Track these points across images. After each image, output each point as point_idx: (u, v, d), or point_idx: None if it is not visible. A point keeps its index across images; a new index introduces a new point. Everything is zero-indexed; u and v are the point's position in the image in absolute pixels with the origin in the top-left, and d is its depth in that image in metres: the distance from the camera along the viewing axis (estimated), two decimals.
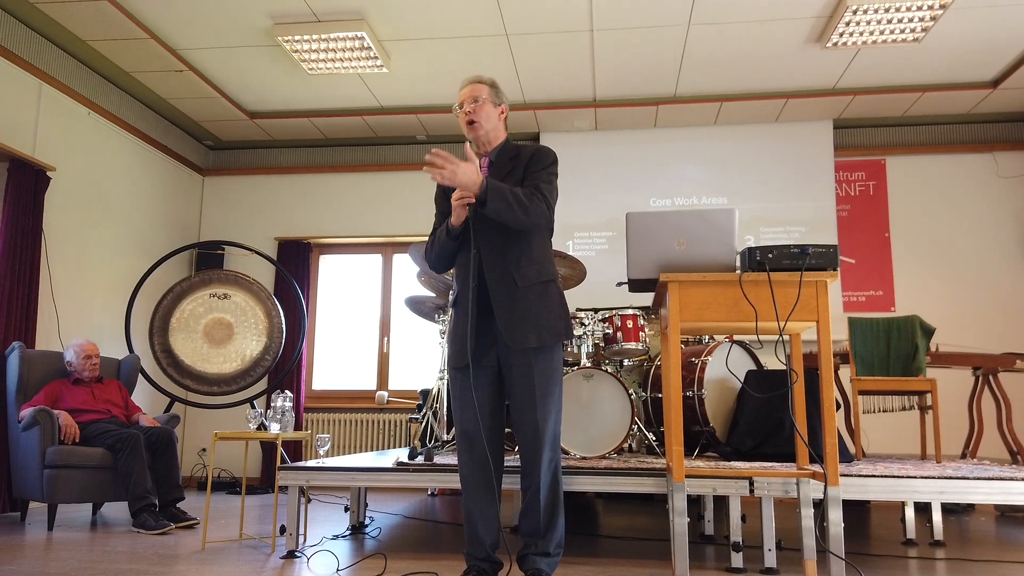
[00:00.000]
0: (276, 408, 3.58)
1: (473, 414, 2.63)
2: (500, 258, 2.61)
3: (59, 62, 5.24)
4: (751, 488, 2.94)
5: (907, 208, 6.38)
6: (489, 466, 2.62)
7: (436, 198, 2.84)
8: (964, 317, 6.13)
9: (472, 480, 2.65)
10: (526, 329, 2.57)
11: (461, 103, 2.70)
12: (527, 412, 2.59)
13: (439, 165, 2.46)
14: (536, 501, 2.61)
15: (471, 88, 2.70)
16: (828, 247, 2.61)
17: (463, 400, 2.67)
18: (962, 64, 5.46)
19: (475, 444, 2.63)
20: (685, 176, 6.53)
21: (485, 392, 2.65)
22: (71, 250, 5.40)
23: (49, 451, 4.14)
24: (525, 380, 2.59)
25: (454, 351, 2.68)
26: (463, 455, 2.67)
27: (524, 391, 2.60)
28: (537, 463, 2.59)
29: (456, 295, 2.70)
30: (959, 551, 3.53)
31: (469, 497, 2.66)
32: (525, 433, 2.61)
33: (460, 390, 2.68)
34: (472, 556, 2.65)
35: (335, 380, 6.88)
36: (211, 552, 3.38)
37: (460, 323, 2.66)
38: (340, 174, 7.01)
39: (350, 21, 4.91)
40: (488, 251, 2.62)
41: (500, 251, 2.62)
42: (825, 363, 2.58)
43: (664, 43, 5.22)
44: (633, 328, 4.22)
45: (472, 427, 2.63)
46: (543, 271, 2.67)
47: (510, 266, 2.61)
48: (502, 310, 2.58)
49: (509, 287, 2.60)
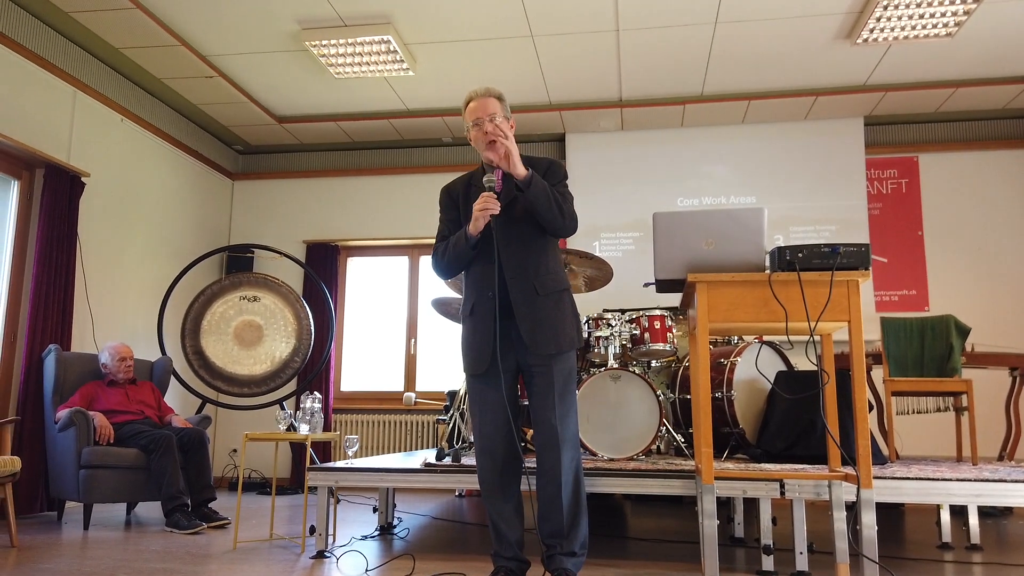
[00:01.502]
0: (305, 409, 3.62)
1: (492, 417, 2.67)
2: (521, 268, 2.65)
3: (93, 70, 5.35)
4: (782, 490, 2.91)
5: (941, 206, 6.26)
6: (508, 469, 2.67)
7: (443, 204, 2.84)
8: (1000, 316, 6.00)
9: (492, 483, 2.68)
10: (547, 336, 2.62)
11: (476, 120, 2.66)
12: (547, 413, 2.63)
13: (503, 138, 2.54)
14: (558, 500, 2.61)
15: (483, 104, 2.67)
16: (859, 246, 2.58)
17: (482, 405, 2.70)
18: (996, 59, 5.35)
19: (495, 447, 2.67)
20: (713, 175, 6.47)
21: (503, 396, 2.66)
22: (105, 254, 5.50)
23: (84, 451, 4.21)
24: (544, 382, 2.64)
25: (473, 358, 2.70)
26: (482, 459, 2.70)
27: (544, 393, 2.64)
28: (558, 463, 2.61)
29: (473, 304, 2.71)
30: (996, 555, 3.46)
31: (490, 500, 2.70)
32: (545, 434, 2.63)
33: (479, 395, 2.71)
34: (500, 556, 2.67)
35: (363, 381, 6.93)
36: (242, 552, 3.41)
37: (479, 331, 2.68)
38: (367, 177, 7.06)
39: (376, 25, 4.95)
40: (509, 261, 2.65)
41: (520, 261, 2.66)
42: (857, 364, 2.54)
43: (690, 42, 5.18)
44: (661, 329, 4.20)
45: (491, 430, 2.67)
46: (559, 280, 2.72)
47: (531, 276, 2.65)
48: (524, 318, 2.62)
49: (529, 296, 2.64)
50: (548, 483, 2.63)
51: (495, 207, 2.58)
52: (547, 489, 2.63)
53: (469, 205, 2.67)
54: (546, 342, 2.62)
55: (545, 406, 2.63)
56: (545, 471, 2.64)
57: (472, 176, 2.81)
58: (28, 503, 4.56)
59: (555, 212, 2.59)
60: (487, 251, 2.66)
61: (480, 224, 2.60)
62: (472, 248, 2.66)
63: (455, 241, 2.69)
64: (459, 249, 2.67)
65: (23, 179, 4.90)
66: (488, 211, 2.57)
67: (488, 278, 2.66)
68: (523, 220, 2.67)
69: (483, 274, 2.68)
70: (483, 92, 2.70)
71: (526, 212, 2.65)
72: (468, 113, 2.70)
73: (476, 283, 2.71)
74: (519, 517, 2.71)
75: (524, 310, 2.62)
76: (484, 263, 2.68)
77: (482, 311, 2.67)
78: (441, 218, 2.84)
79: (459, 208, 2.77)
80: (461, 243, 2.66)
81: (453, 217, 2.78)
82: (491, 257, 2.65)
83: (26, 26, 4.78)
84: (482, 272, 2.69)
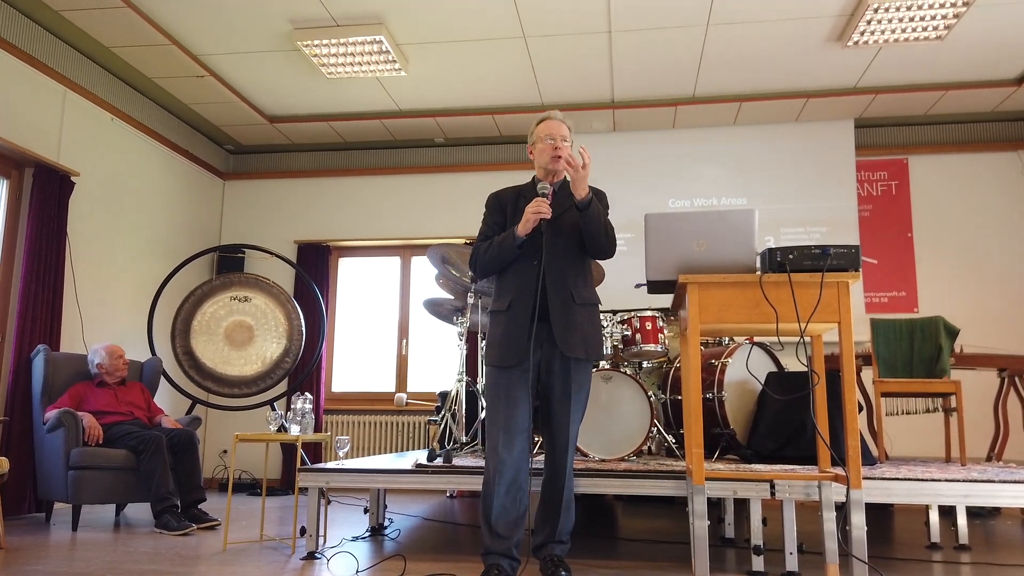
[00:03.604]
0: (296, 410, 3.61)
1: (516, 411, 2.76)
2: (561, 276, 2.82)
3: (83, 69, 5.32)
4: (772, 491, 2.92)
5: (930, 208, 6.30)
6: (524, 464, 2.77)
7: (491, 207, 2.99)
8: (989, 318, 6.04)
9: (507, 477, 2.72)
10: (577, 340, 2.79)
11: (549, 135, 2.88)
12: (563, 414, 2.81)
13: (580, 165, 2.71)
14: (560, 496, 2.81)
15: (560, 125, 2.91)
16: (850, 247, 2.59)
17: (508, 399, 2.78)
18: (986, 61, 5.38)
19: (516, 441, 2.74)
20: (704, 177, 6.49)
21: (527, 392, 2.79)
22: (95, 254, 5.47)
23: (73, 452, 4.19)
24: (563, 384, 2.81)
25: (506, 350, 2.79)
26: (502, 451, 2.73)
27: (562, 394, 2.81)
28: (565, 463, 2.82)
29: (511, 301, 2.83)
30: (985, 555, 3.48)
31: (501, 493, 2.71)
32: (558, 434, 2.82)
33: (505, 389, 2.79)
34: (493, 552, 2.70)
35: (354, 382, 6.92)
36: (232, 553, 3.40)
37: (516, 325, 2.79)
38: (358, 177, 7.04)
39: (369, 25, 4.94)
40: (551, 267, 2.81)
41: (561, 270, 2.82)
42: (847, 365, 2.55)
43: (682, 44, 5.19)
44: (652, 330, 4.20)
45: (516, 424, 2.76)
46: (592, 295, 2.93)
47: (570, 284, 2.83)
48: (559, 321, 2.78)
49: (567, 302, 2.80)
50: (555, 486, 2.82)
51: (547, 212, 2.75)
52: (553, 491, 2.83)
53: (517, 214, 2.85)
54: (576, 345, 2.78)
55: (563, 411, 2.81)
56: (555, 474, 2.83)
57: (522, 189, 3.00)
58: (16, 504, 4.53)
59: (603, 234, 2.80)
60: (529, 253, 2.82)
61: (530, 226, 2.76)
62: (518, 248, 2.81)
63: (502, 239, 2.84)
64: (504, 247, 2.82)
65: (12, 178, 4.88)
66: (540, 214, 2.74)
67: (529, 278, 2.81)
68: (568, 234, 2.85)
69: (524, 274, 2.83)
70: (561, 116, 2.96)
71: (572, 228, 2.84)
72: (542, 128, 2.92)
73: (515, 282, 2.85)
74: (524, 518, 2.76)
75: (559, 314, 2.79)
76: (525, 264, 2.83)
77: (521, 308, 2.80)
78: (486, 220, 2.98)
79: (506, 214, 2.94)
80: (508, 242, 2.81)
81: (499, 220, 2.95)
82: (533, 259, 2.80)
83: (16, 24, 4.75)
84: (523, 272, 2.83)
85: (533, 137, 2.96)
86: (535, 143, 2.95)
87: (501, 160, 6.84)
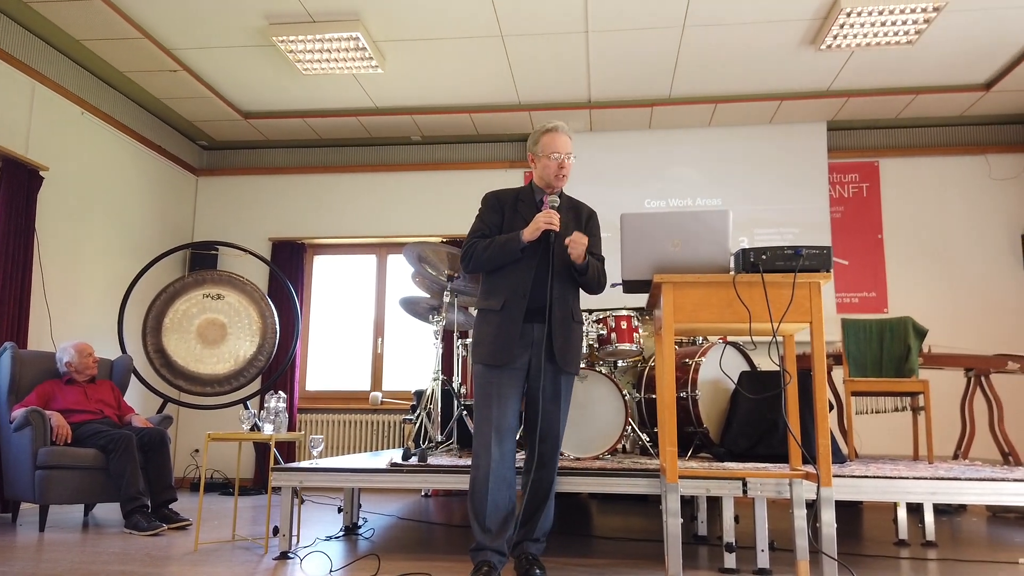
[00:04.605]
0: (270, 409, 3.58)
1: (506, 410, 2.83)
2: (564, 292, 2.93)
3: (53, 62, 5.22)
4: (744, 489, 2.95)
5: (900, 210, 6.40)
6: (513, 462, 2.85)
7: (489, 206, 3.03)
8: (957, 319, 6.15)
9: (498, 475, 2.78)
10: (573, 357, 2.95)
11: (556, 152, 2.93)
12: (553, 413, 2.89)
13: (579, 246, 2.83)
14: (545, 495, 2.91)
15: (567, 141, 2.97)
16: (821, 248, 2.62)
17: (499, 397, 2.84)
18: (955, 66, 5.48)
19: (506, 440, 2.82)
20: (679, 178, 6.53)
21: (518, 391, 2.88)
22: (64, 250, 5.38)
23: (41, 452, 4.12)
24: (554, 386, 2.90)
25: (498, 349, 2.85)
26: (493, 450, 2.79)
27: (553, 395, 2.90)
28: (554, 462, 2.92)
29: (505, 301, 2.88)
30: (951, 552, 3.54)
31: (492, 490, 2.77)
32: (548, 433, 2.89)
33: (496, 388, 2.84)
34: (485, 548, 2.74)
35: (329, 381, 6.87)
36: (203, 553, 3.37)
37: (508, 325, 2.86)
38: (334, 174, 7.00)
39: (345, 22, 4.91)
40: (559, 279, 2.90)
41: (565, 286, 2.94)
42: (818, 364, 2.59)
43: (659, 45, 5.22)
44: (627, 329, 4.23)
45: (507, 423, 2.82)
46: (580, 314, 3.06)
47: (570, 301, 2.96)
48: (560, 334, 2.88)
49: (567, 319, 2.93)
50: (541, 485, 2.90)
51: (558, 225, 2.83)
52: (539, 490, 2.90)
53: (516, 217, 2.96)
54: (570, 361, 2.93)
55: (554, 409, 2.90)
56: (543, 473, 2.90)
57: (520, 193, 3.06)
58: None
59: (595, 282, 2.97)
60: (527, 257, 2.89)
61: (537, 234, 2.83)
62: (520, 252, 2.87)
63: (505, 240, 2.89)
64: (508, 249, 2.87)
65: None
66: (552, 226, 2.82)
67: (523, 280, 2.87)
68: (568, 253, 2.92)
69: (518, 275, 2.88)
70: (567, 129, 2.99)
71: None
72: (548, 141, 2.95)
73: (510, 282, 2.89)
74: (513, 515, 2.82)
75: (561, 327, 2.89)
76: (522, 267, 2.89)
77: (516, 309, 2.86)
78: (483, 217, 3.02)
79: (503, 215, 3.00)
80: (513, 244, 2.87)
81: (495, 221, 3.00)
82: (530, 263, 2.88)
83: None
84: (518, 273, 2.89)
85: (538, 148, 2.98)
86: (539, 155, 2.97)
87: (478, 159, 6.83)
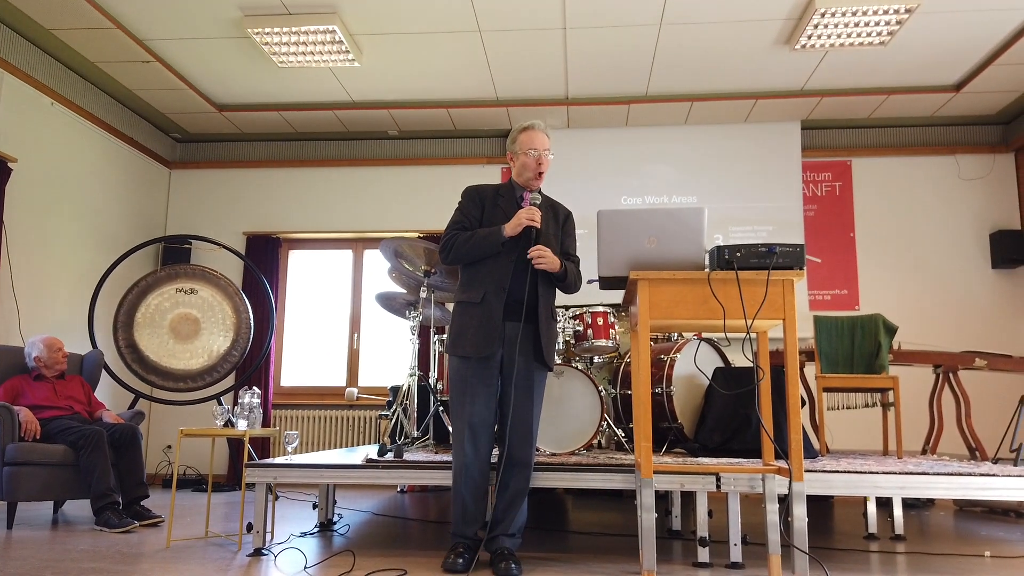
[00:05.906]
0: (243, 404, 3.55)
1: (483, 402, 2.91)
2: (546, 291, 3.01)
3: (22, 51, 5.12)
4: (718, 484, 2.98)
5: (872, 208, 6.49)
6: (489, 455, 2.94)
7: (470, 198, 3.09)
8: (926, 316, 6.26)
9: (474, 468, 2.90)
10: (551, 353, 3.02)
11: (534, 148, 3.00)
12: (527, 408, 2.93)
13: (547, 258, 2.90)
14: (521, 490, 2.95)
15: (544, 138, 3.04)
16: (795, 246, 2.65)
17: (475, 390, 2.91)
18: (926, 68, 5.57)
19: (481, 434, 2.91)
20: (656, 175, 6.57)
21: (495, 385, 2.95)
22: (33, 243, 5.28)
23: (9, 448, 4.05)
24: (529, 385, 2.95)
25: (478, 342, 2.90)
26: (467, 444, 2.89)
27: (527, 389, 2.93)
28: (530, 457, 2.96)
29: (485, 294, 2.94)
30: (919, 545, 3.61)
31: (467, 484, 2.89)
32: (523, 428, 2.93)
33: (474, 378, 2.92)
34: (461, 535, 2.90)
35: (304, 376, 6.83)
36: (176, 550, 3.33)
37: (488, 318, 2.92)
38: (310, 168, 6.94)
39: (322, 14, 4.86)
40: (541, 278, 2.97)
41: (546, 285, 3.02)
42: (791, 360, 2.62)
43: (636, 42, 5.24)
44: (603, 325, 4.25)
45: (481, 417, 2.90)
46: (555, 311, 3.18)
47: (550, 300, 3.05)
48: (544, 332, 2.98)
49: (548, 317, 3.02)
50: (518, 480, 2.94)
51: (539, 223, 2.92)
52: (515, 485, 2.94)
53: (496, 211, 3.02)
54: (550, 358, 3.01)
55: (527, 404, 2.93)
56: (519, 469, 2.94)
57: (501, 187, 3.14)
58: None
59: (572, 284, 3.06)
60: (507, 252, 2.94)
61: (519, 229, 2.90)
62: (501, 246, 2.93)
63: (487, 234, 2.94)
64: (489, 242, 2.93)
65: None
66: (534, 223, 2.91)
67: (503, 274, 2.93)
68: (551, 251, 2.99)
69: (498, 269, 2.94)
70: (543, 127, 3.07)
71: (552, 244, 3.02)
72: (526, 138, 3.03)
73: (489, 276, 2.96)
74: (487, 501, 2.95)
75: (544, 326, 2.98)
76: (502, 261, 2.95)
77: (495, 302, 2.92)
78: (463, 210, 3.07)
79: (483, 209, 3.06)
80: (494, 238, 2.92)
81: (475, 215, 3.05)
82: (509, 258, 2.94)
83: None
84: (498, 267, 2.95)
85: (516, 146, 3.06)
86: (517, 153, 3.05)
87: (455, 154, 6.82)
